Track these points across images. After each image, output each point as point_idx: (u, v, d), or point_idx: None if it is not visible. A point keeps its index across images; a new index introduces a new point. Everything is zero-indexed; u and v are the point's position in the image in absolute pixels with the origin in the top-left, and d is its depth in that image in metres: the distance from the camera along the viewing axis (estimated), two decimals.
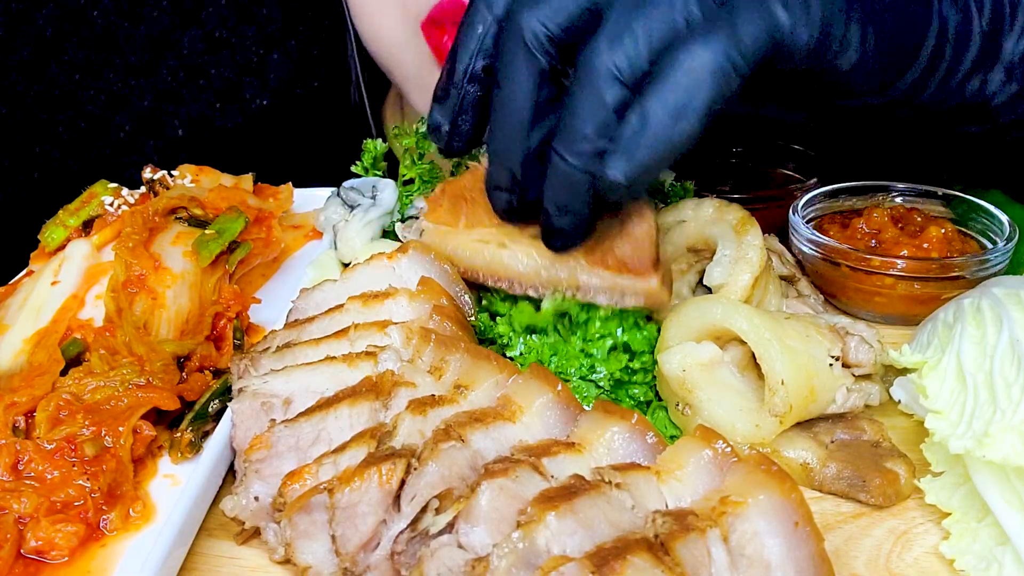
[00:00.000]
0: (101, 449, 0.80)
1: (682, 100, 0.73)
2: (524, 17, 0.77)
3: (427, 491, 0.69)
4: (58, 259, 1.02)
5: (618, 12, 0.76)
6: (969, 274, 0.98)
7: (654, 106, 0.73)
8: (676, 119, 0.73)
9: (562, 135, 0.77)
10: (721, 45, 0.73)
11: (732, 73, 0.73)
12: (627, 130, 0.74)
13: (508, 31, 0.79)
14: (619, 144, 0.74)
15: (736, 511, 0.65)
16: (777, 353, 0.79)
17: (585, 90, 0.75)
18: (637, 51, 0.74)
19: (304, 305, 0.96)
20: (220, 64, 1.83)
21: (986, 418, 0.74)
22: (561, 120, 0.78)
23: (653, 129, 0.73)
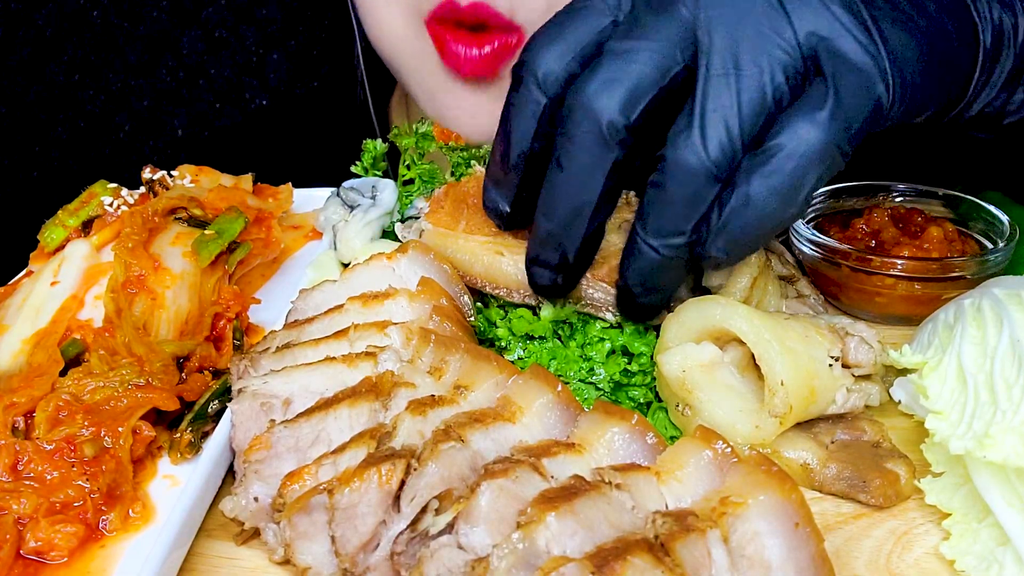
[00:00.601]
0: (100, 450, 0.80)
1: (788, 184, 0.72)
2: (599, 104, 0.74)
3: (427, 492, 0.69)
4: (57, 259, 1.02)
5: (703, 95, 0.73)
6: (970, 274, 0.98)
7: (758, 190, 0.72)
8: (783, 204, 0.72)
9: (652, 226, 0.76)
10: (830, 127, 0.71)
11: (838, 155, 0.72)
12: (729, 211, 0.73)
13: (577, 116, 0.75)
14: (720, 225, 0.74)
15: (736, 512, 0.65)
16: (777, 354, 0.79)
17: (679, 187, 0.74)
18: (732, 142, 0.72)
19: (303, 306, 0.96)
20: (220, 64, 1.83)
21: (987, 419, 0.73)
22: (648, 209, 0.76)
23: (758, 211, 0.72)
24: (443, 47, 1.23)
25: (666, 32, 0.74)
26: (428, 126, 1.20)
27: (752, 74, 0.72)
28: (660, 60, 0.74)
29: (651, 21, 0.75)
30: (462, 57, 1.21)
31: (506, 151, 0.83)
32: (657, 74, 0.74)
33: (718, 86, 0.72)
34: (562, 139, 0.77)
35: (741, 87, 0.72)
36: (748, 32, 0.73)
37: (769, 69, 0.72)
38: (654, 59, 0.74)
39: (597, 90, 0.74)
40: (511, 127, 0.82)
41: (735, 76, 0.72)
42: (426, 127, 1.20)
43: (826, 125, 0.71)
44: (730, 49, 0.73)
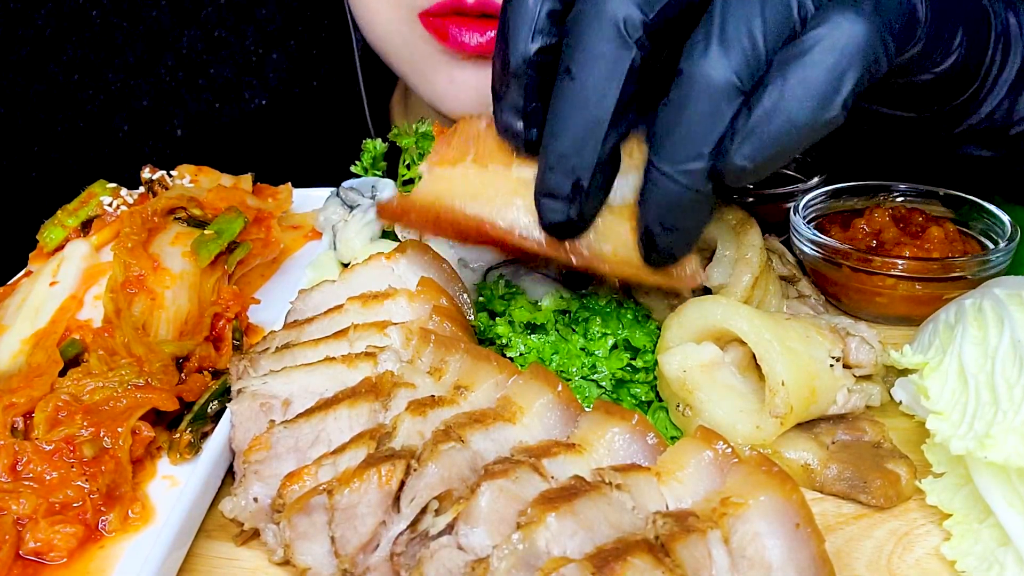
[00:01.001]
0: (100, 450, 0.80)
1: (827, 81, 0.65)
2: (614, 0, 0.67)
3: (427, 492, 0.69)
4: (56, 259, 1.02)
5: (724, 1, 0.66)
6: (970, 274, 0.98)
7: (794, 86, 0.65)
8: (820, 104, 0.65)
9: (667, 151, 0.69)
10: (874, 20, 0.64)
11: (883, 54, 0.66)
12: (760, 112, 0.65)
13: (588, 14, 0.68)
14: (747, 129, 0.66)
15: (737, 512, 0.65)
16: (778, 354, 0.79)
17: (698, 103, 0.67)
18: (756, 51, 0.66)
19: (303, 306, 0.95)
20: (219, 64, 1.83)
21: (987, 419, 0.73)
22: (662, 133, 0.69)
23: (791, 111, 0.65)
24: (444, 34, 1.20)
25: None
26: (428, 126, 1.20)
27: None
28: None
29: None
30: (465, 39, 1.18)
31: (504, 54, 0.74)
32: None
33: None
34: (571, 43, 0.70)
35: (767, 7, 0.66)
36: None
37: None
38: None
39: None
40: (507, 24, 0.73)
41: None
42: (426, 127, 1.20)
43: (870, 17, 0.65)
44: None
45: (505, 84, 0.76)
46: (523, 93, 0.75)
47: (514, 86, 0.75)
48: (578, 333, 0.89)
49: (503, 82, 0.76)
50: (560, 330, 0.91)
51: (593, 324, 0.89)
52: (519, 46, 0.73)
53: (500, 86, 0.77)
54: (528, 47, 0.73)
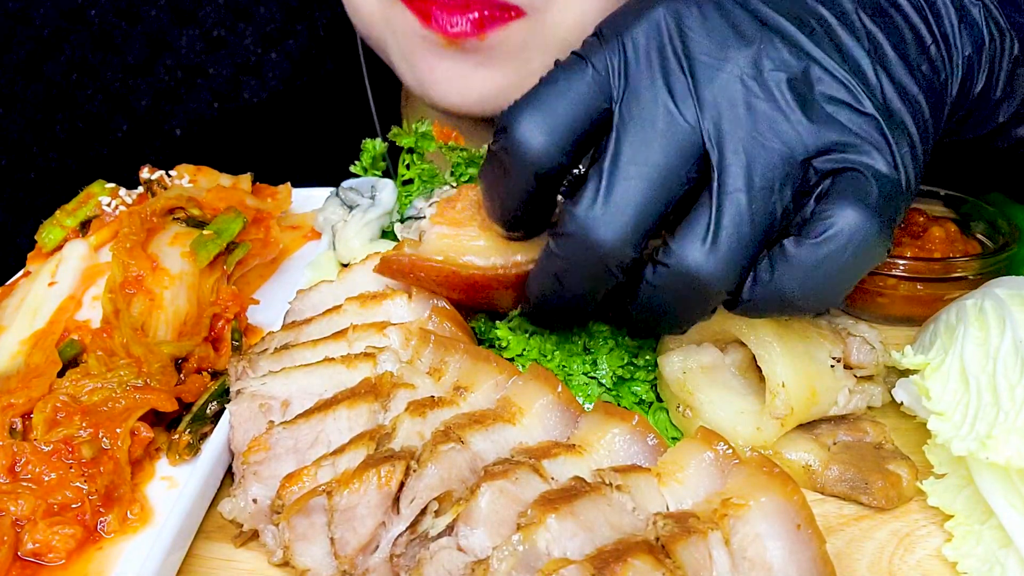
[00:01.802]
0: (98, 451, 0.80)
1: (836, 282, 0.69)
2: (603, 236, 0.69)
3: (426, 493, 0.69)
4: (55, 260, 1.01)
5: (717, 210, 0.69)
6: (972, 275, 0.97)
7: (800, 282, 0.69)
8: (822, 302, 0.71)
9: (641, 322, 0.77)
10: (883, 214, 0.68)
11: (888, 246, 0.70)
12: (758, 293, 0.70)
13: (576, 244, 0.71)
14: (746, 304, 0.71)
15: (738, 513, 0.65)
16: (778, 355, 0.79)
17: (686, 296, 0.71)
18: (742, 258, 0.69)
19: (301, 306, 0.95)
20: (218, 63, 1.83)
21: (989, 420, 0.73)
22: (641, 312, 0.75)
23: (791, 303, 0.70)
24: (426, 15, 1.19)
25: (672, 145, 0.70)
26: (428, 126, 1.20)
27: (763, 193, 0.69)
28: (666, 184, 0.70)
29: (654, 130, 0.70)
30: (447, 22, 1.17)
31: (495, 214, 0.81)
32: (663, 199, 0.70)
33: (732, 203, 0.69)
34: (558, 259, 0.74)
35: (754, 207, 0.69)
36: (758, 149, 0.69)
37: (779, 187, 0.69)
38: (660, 182, 0.70)
39: (600, 220, 0.70)
40: (497, 201, 0.79)
41: (746, 194, 0.69)
42: (426, 127, 1.19)
43: (878, 210, 0.68)
44: (741, 166, 0.69)
45: (498, 218, 0.82)
46: (512, 224, 0.82)
47: (507, 220, 0.81)
48: (580, 334, 0.89)
49: (495, 217, 0.82)
50: None
51: (595, 328, 0.88)
52: (507, 213, 0.80)
53: (491, 215, 0.82)
54: (513, 216, 0.80)
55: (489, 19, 1.18)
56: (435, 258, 0.86)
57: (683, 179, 0.70)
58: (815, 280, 0.69)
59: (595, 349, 0.88)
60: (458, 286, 0.86)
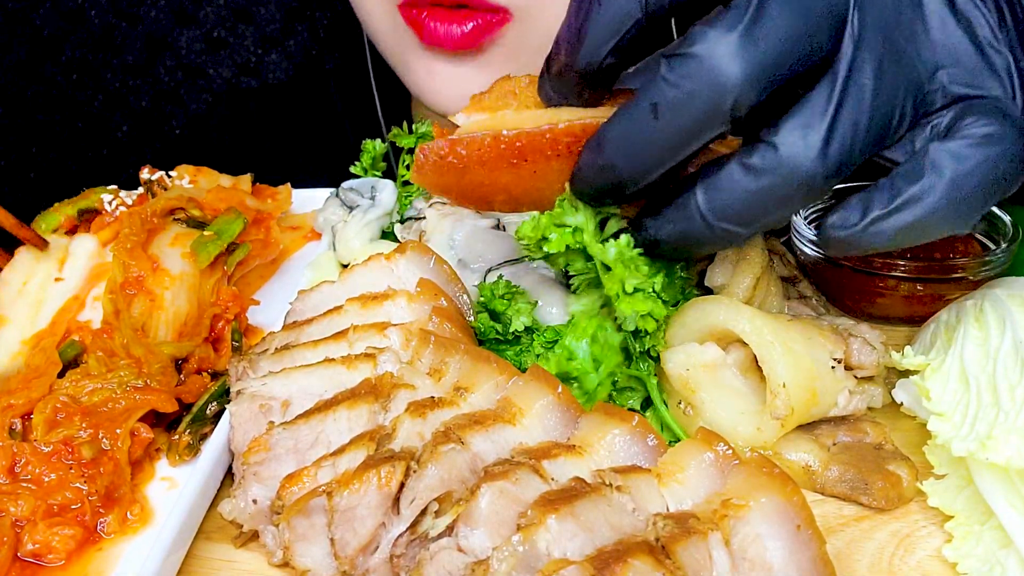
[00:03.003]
0: (98, 451, 0.80)
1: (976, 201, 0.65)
2: (730, 71, 0.63)
3: (426, 494, 0.69)
4: (62, 250, 1.01)
5: (840, 95, 0.65)
6: (972, 275, 0.97)
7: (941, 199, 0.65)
8: (960, 223, 0.67)
9: (722, 208, 0.69)
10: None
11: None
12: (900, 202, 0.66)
13: (695, 72, 0.64)
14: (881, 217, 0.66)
15: (738, 514, 0.65)
16: (779, 356, 0.79)
17: (778, 185, 0.66)
18: (852, 155, 0.65)
19: (302, 307, 0.95)
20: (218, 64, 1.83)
21: (989, 420, 0.73)
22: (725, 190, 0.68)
23: (928, 223, 0.66)
24: (420, 29, 1.19)
25: (821, 5, 0.64)
26: (428, 126, 1.20)
27: (887, 93, 0.66)
28: (807, 39, 0.64)
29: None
30: (442, 34, 1.17)
31: (574, 49, 0.70)
32: (804, 52, 0.64)
33: (855, 91, 0.65)
34: (666, 85, 0.65)
35: (877, 101, 0.66)
36: (896, 47, 0.67)
37: (904, 95, 0.67)
38: (801, 34, 0.63)
39: (737, 48, 0.62)
40: (590, 23, 0.69)
41: (873, 88, 0.65)
42: (426, 127, 1.19)
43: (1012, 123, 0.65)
44: (875, 58, 0.66)
45: (559, 68, 0.73)
46: (578, 90, 0.74)
47: (571, 79, 0.73)
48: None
49: (559, 64, 0.73)
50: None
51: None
52: (592, 50, 0.70)
53: (554, 64, 0.74)
54: (599, 53, 0.70)
55: (483, 27, 1.18)
56: (476, 132, 0.78)
57: (825, 40, 0.65)
58: (964, 188, 0.64)
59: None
60: (502, 163, 0.77)
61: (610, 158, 0.70)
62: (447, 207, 1.08)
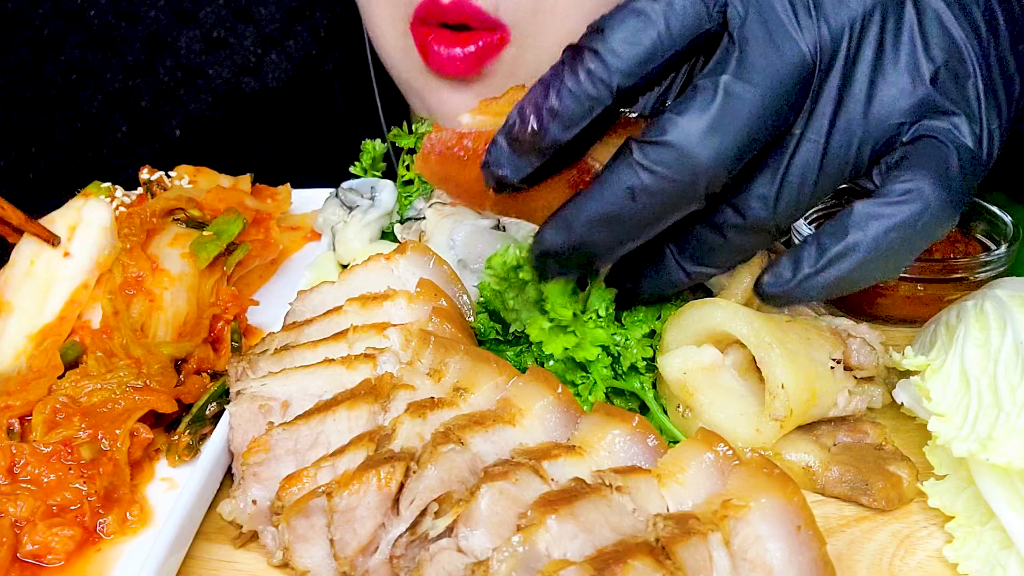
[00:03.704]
0: (98, 452, 0.80)
1: (899, 256, 0.69)
2: (701, 153, 0.66)
3: (426, 495, 0.69)
4: (73, 216, 0.97)
5: (791, 159, 0.70)
6: (972, 276, 0.97)
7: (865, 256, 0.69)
8: (882, 274, 0.70)
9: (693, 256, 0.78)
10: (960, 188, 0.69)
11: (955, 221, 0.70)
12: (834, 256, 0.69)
13: (668, 157, 0.67)
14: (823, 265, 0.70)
15: (738, 515, 0.65)
16: (778, 357, 0.79)
17: (742, 239, 0.75)
18: (799, 209, 0.72)
19: (302, 307, 0.95)
20: (218, 64, 1.83)
21: (990, 421, 0.73)
22: (696, 245, 0.77)
23: (851, 276, 0.69)
24: (425, 50, 1.21)
25: (790, 69, 0.68)
26: (428, 126, 1.20)
27: (838, 147, 0.70)
28: (774, 115, 0.68)
29: (764, 56, 0.67)
30: (444, 57, 1.20)
31: (540, 129, 0.70)
32: (766, 130, 0.68)
33: (807, 153, 0.70)
34: (642, 170, 0.68)
35: (826, 163, 0.70)
36: (850, 111, 0.70)
37: (858, 143, 0.70)
38: (768, 112, 0.67)
39: (706, 134, 0.66)
40: (557, 109, 0.69)
41: (823, 148, 0.70)
42: (426, 127, 1.19)
43: (952, 186, 0.68)
44: (831, 111, 0.70)
45: (522, 147, 0.72)
46: (536, 166, 0.73)
47: (531, 157, 0.73)
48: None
49: (522, 144, 0.72)
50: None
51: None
52: (557, 133, 0.70)
53: (515, 143, 0.73)
54: (563, 138, 0.70)
55: (484, 50, 1.20)
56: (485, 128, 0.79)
57: (789, 111, 0.69)
58: (885, 244, 0.68)
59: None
60: None
61: (583, 237, 0.73)
62: (447, 207, 1.08)
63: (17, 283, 0.94)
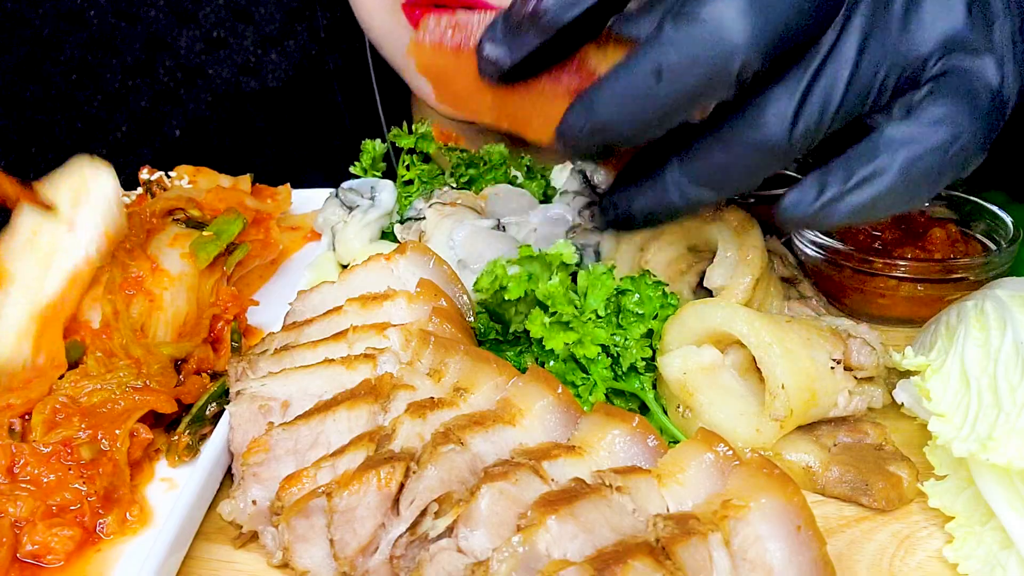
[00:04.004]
0: (98, 452, 0.80)
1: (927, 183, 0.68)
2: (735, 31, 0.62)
3: (426, 495, 0.69)
4: (76, 187, 0.92)
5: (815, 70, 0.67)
6: (973, 276, 0.97)
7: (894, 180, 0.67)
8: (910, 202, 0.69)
9: (695, 173, 0.73)
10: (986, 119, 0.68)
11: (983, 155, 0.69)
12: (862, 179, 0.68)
13: (699, 34, 0.63)
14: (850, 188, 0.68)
15: (738, 515, 0.65)
16: (778, 357, 0.79)
17: (749, 154, 0.70)
18: (818, 130, 0.68)
19: (302, 307, 0.95)
20: (218, 64, 1.83)
21: (990, 421, 0.73)
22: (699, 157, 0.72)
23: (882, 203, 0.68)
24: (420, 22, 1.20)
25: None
26: (427, 126, 1.20)
27: (867, 70, 0.68)
28: (811, 10, 0.65)
29: None
30: None
31: (541, 7, 0.68)
32: (803, 26, 0.65)
33: (834, 70, 0.67)
34: (672, 47, 0.64)
35: (853, 84, 0.67)
36: (884, 32, 0.68)
37: (885, 71, 0.68)
38: (807, 5, 0.64)
39: (739, 17, 0.62)
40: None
41: (852, 66, 0.67)
42: (425, 127, 1.19)
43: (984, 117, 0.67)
44: (864, 30, 0.67)
45: (521, 27, 0.70)
46: (535, 46, 0.70)
47: (531, 37, 0.70)
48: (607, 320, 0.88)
49: (520, 24, 0.70)
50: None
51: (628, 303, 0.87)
52: (559, 12, 0.68)
53: (515, 24, 0.70)
54: (566, 16, 0.68)
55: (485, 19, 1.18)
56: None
57: (825, 11, 0.66)
58: (915, 170, 0.67)
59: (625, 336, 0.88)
60: None
61: (605, 117, 0.69)
62: (447, 207, 1.08)
63: (18, 252, 0.90)
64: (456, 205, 1.09)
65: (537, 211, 1.09)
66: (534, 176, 1.21)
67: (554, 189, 1.18)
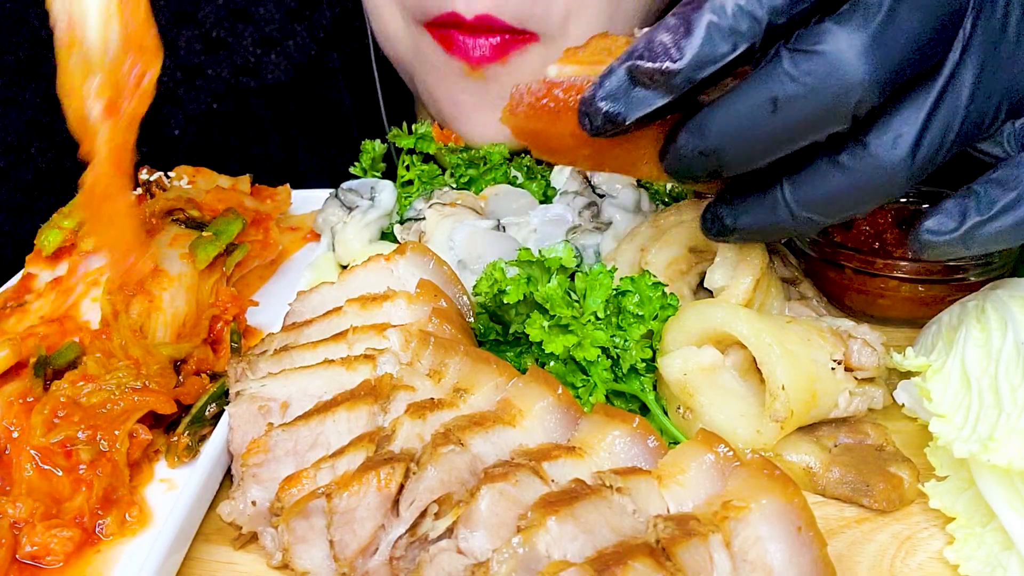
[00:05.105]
0: (97, 453, 0.79)
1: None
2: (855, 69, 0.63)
3: (426, 496, 0.69)
4: None
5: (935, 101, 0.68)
6: (973, 276, 0.97)
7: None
8: None
9: (807, 198, 0.72)
10: None
11: None
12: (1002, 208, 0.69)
13: (821, 69, 0.64)
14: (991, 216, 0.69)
15: (738, 516, 0.65)
16: (778, 358, 0.79)
17: (867, 183, 0.69)
18: (938, 158, 0.68)
19: (301, 308, 0.95)
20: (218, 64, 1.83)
21: (991, 422, 0.73)
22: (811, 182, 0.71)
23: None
24: (449, 42, 1.21)
25: (945, 11, 0.65)
26: (427, 127, 1.20)
27: (983, 96, 0.68)
28: (930, 44, 0.65)
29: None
30: (470, 45, 1.19)
31: (674, 64, 0.66)
32: (924, 57, 0.65)
33: (957, 92, 0.68)
34: (789, 80, 0.65)
35: (972, 104, 0.68)
36: (1001, 54, 0.68)
37: (999, 97, 0.69)
38: (926, 40, 0.65)
39: (860, 53, 0.63)
40: (697, 44, 0.65)
41: (971, 89, 0.67)
42: (425, 128, 1.19)
43: None
44: (980, 59, 0.68)
45: (647, 76, 0.68)
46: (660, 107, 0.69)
47: (653, 93, 0.68)
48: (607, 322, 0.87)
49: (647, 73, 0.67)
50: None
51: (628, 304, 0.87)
52: (694, 65, 0.66)
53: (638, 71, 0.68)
54: (699, 76, 0.66)
55: (510, 42, 1.19)
56: (575, 76, 0.75)
57: (942, 45, 0.66)
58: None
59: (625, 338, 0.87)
60: None
61: (716, 143, 0.70)
62: (447, 208, 1.08)
63: None
64: (456, 205, 1.09)
65: (537, 211, 1.09)
66: (534, 176, 1.21)
67: (554, 189, 1.18)
